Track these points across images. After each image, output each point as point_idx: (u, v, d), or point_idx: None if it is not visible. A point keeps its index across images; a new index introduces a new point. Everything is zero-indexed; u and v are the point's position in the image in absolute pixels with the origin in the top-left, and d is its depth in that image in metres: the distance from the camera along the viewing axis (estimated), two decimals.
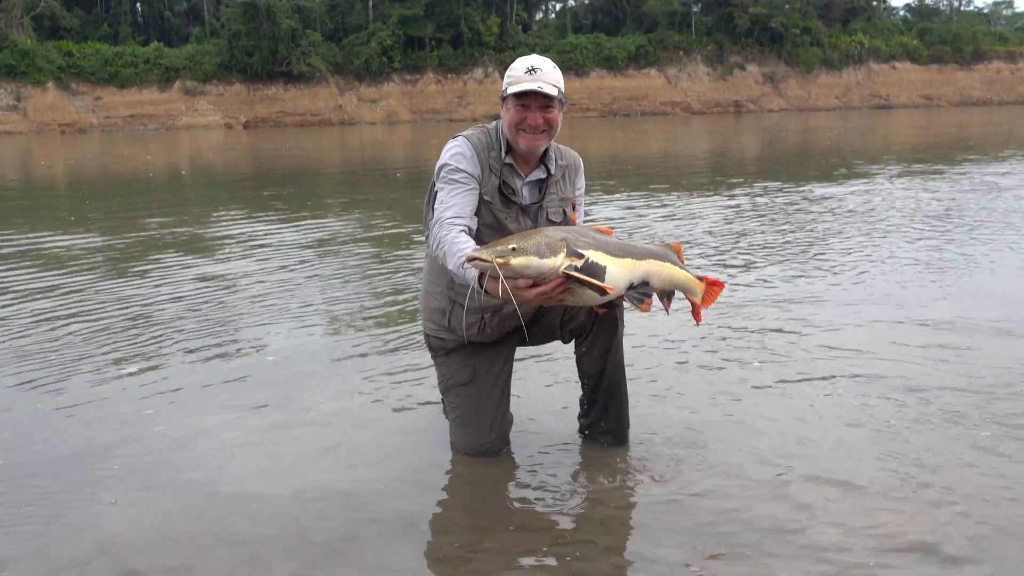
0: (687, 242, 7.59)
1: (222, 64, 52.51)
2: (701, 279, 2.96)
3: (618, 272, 2.64)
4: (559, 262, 2.50)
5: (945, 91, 65.51)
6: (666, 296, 2.89)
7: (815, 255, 6.89)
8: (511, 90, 2.87)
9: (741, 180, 13.28)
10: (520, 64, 2.90)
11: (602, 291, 2.55)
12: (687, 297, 2.96)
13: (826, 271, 6.23)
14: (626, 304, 2.83)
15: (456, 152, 2.94)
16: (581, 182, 3.17)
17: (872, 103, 63.46)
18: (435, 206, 2.91)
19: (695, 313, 2.98)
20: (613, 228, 2.82)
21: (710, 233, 8.13)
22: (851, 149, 21.08)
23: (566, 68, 54.85)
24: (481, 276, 2.57)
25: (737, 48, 62.21)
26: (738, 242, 7.58)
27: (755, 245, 7.43)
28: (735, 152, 21.88)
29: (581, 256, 2.55)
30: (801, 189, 11.77)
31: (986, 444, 3.18)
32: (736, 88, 61.36)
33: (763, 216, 9.23)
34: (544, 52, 51.66)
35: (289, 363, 4.38)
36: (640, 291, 2.72)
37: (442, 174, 2.93)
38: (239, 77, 52.88)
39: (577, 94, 55.44)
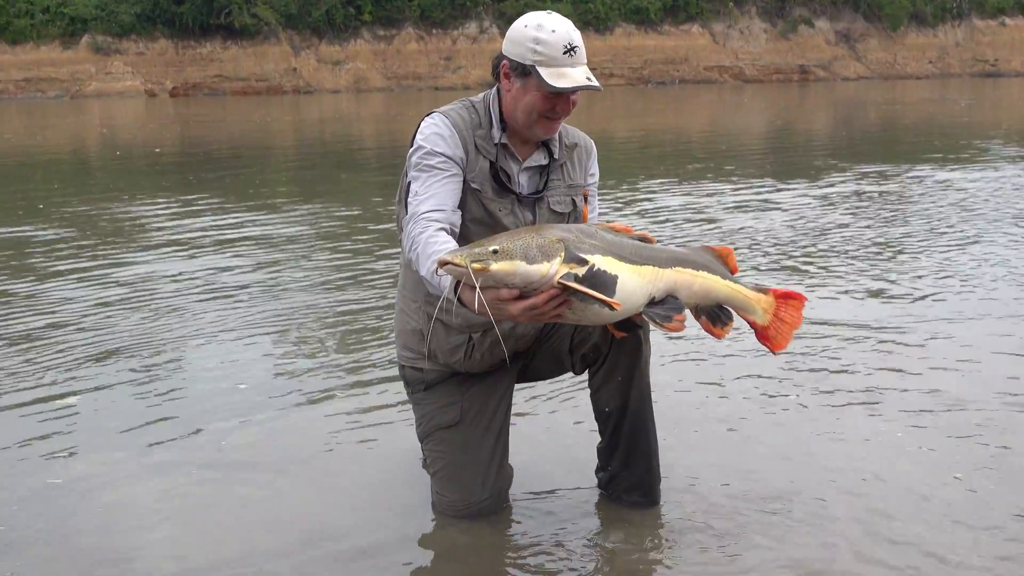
0: (745, 243, 7.60)
1: (143, 15, 52.74)
2: (765, 291, 2.94)
3: (633, 283, 2.63)
4: (553, 269, 2.49)
5: None
6: (707, 316, 2.87)
7: (907, 261, 6.90)
8: (553, 81, 2.83)
9: (813, 167, 13.32)
10: (554, 37, 2.85)
11: (610, 307, 2.54)
12: (744, 318, 2.95)
13: (924, 281, 6.24)
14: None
15: (432, 132, 2.95)
16: (594, 168, 3.21)
17: (975, 69, 63.75)
18: (408, 200, 2.92)
19: (761, 338, 2.96)
20: (646, 229, 2.83)
21: (771, 232, 8.15)
22: (953, 126, 21.15)
23: (584, 23, 55.06)
24: (458, 284, 2.54)
25: None
26: (813, 244, 7.60)
27: (830, 250, 7.44)
28: (800, 131, 21.96)
29: (584, 262, 2.53)
30: (888, 178, 11.81)
31: None
32: (802, 49, 61.63)
33: (842, 212, 9.27)
34: (556, 2, 51.88)
35: (226, 395, 4.39)
36: (666, 308, 2.71)
37: (415, 160, 2.94)
38: (164, 31, 53.12)
39: (598, 56, 55.58)
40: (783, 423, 4.00)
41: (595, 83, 2.88)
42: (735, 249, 5.60)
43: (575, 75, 2.86)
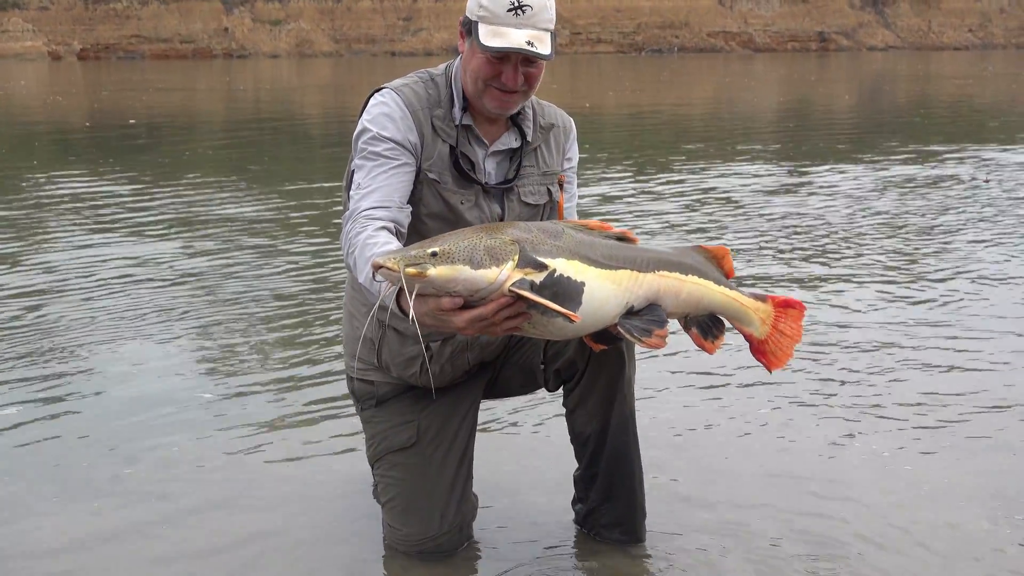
0: (743, 242, 7.68)
1: None
2: (763, 299, 2.93)
3: (605, 291, 2.60)
4: (503, 275, 2.46)
5: None
6: (698, 327, 2.86)
7: (929, 262, 7.00)
8: (485, 40, 2.84)
9: (826, 150, 13.42)
10: None
11: (570, 320, 2.50)
12: (739, 329, 2.95)
13: (946, 286, 6.34)
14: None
15: (380, 112, 2.96)
16: (573, 152, 3.23)
17: (1022, 40, 64.29)
18: (351, 192, 2.93)
19: (758, 353, 2.96)
20: (621, 223, 2.84)
21: (769, 225, 8.22)
22: (993, 107, 21.35)
23: None
24: (401, 292, 2.49)
25: None
26: (815, 241, 7.68)
27: (840, 249, 7.53)
28: (818, 108, 22.10)
29: (543, 267, 2.51)
30: (913, 165, 11.92)
31: None
32: (821, 15, 62.00)
33: (858, 203, 9.36)
34: None
35: (143, 417, 4.40)
36: (645, 320, 2.67)
37: (360, 145, 2.95)
38: None
39: (584, 18, 55.70)
40: (785, 448, 4.05)
41: (535, 49, 2.81)
42: (731, 249, 5.65)
43: (514, 36, 2.81)
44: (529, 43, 2.79)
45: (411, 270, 2.37)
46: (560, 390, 3.21)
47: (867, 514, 3.49)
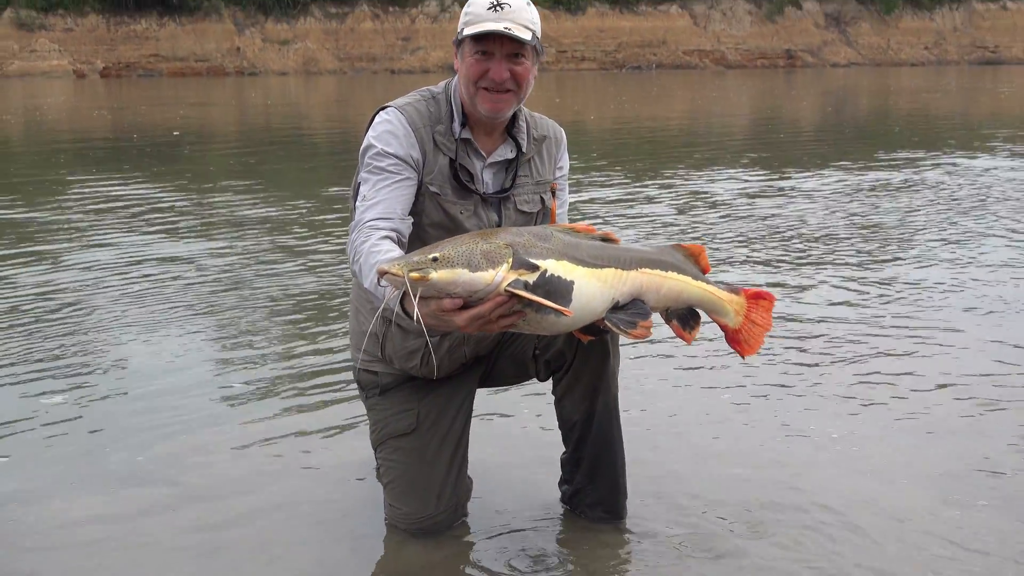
0: (720, 241, 7.71)
1: None
2: (736, 291, 2.97)
3: (592, 288, 2.65)
4: (499, 276, 2.51)
5: None
6: (678, 319, 2.90)
7: (887, 259, 7.03)
8: (468, 31, 2.93)
9: (796, 158, 13.47)
10: None
11: (563, 315, 2.56)
12: (715, 320, 2.98)
13: (906, 281, 6.37)
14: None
15: (385, 130, 2.99)
16: (564, 161, 3.26)
17: (974, 56, 64.48)
18: (356, 204, 2.97)
19: (732, 341, 2.99)
20: (609, 225, 2.86)
21: (741, 226, 8.26)
22: (949, 118, 21.42)
23: (554, 1, 55.20)
24: (406, 295, 2.52)
25: None
26: (788, 241, 7.72)
27: (808, 249, 7.56)
28: (786, 121, 22.15)
29: (534, 268, 2.56)
30: (870, 172, 11.96)
31: None
32: (789, 34, 62.10)
33: (821, 207, 9.40)
34: None
35: (161, 409, 4.42)
36: (630, 313, 2.72)
37: (365, 160, 2.99)
38: (95, 6, 52.72)
39: (569, 37, 55.76)
40: (756, 431, 4.09)
41: (513, 32, 2.87)
42: (706, 245, 5.67)
43: (489, 26, 2.88)
44: (507, 28, 2.86)
45: (414, 274, 2.42)
46: (550, 381, 3.24)
47: (828, 492, 3.52)
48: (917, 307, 5.89)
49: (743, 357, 3.03)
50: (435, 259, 2.44)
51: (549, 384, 3.27)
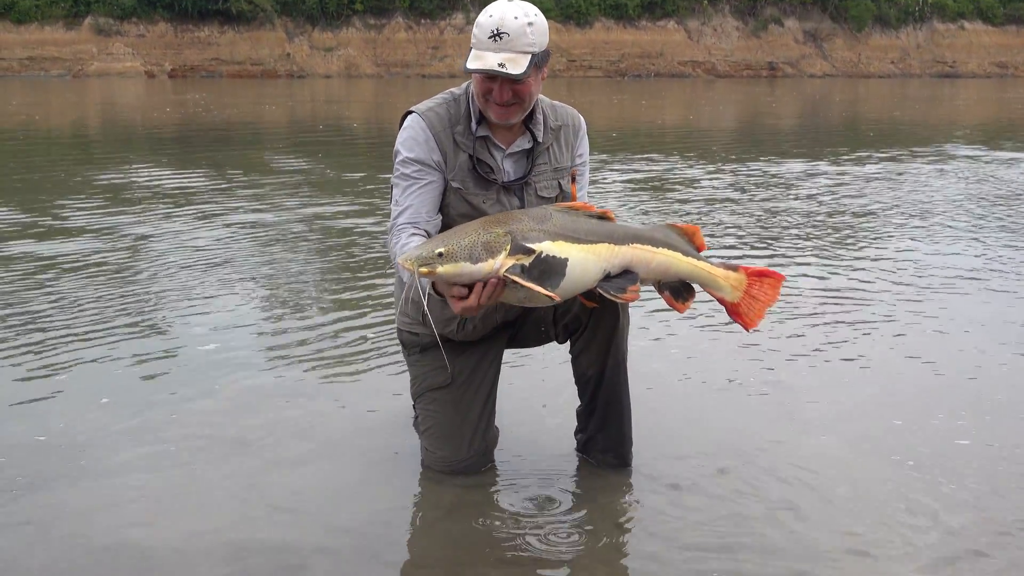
0: (716, 226, 7.70)
1: None
2: (735, 269, 2.94)
3: (586, 262, 2.67)
4: (498, 263, 2.54)
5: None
6: (670, 291, 2.90)
7: (864, 243, 7.02)
8: (470, 65, 2.83)
9: (770, 155, 13.42)
10: (487, 20, 2.80)
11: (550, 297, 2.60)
12: (712, 294, 2.97)
13: (875, 268, 6.36)
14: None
15: (408, 136, 3.00)
16: (584, 147, 3.20)
17: (935, 70, 63.92)
18: (392, 205, 3.02)
19: (733, 314, 2.97)
20: (606, 206, 2.85)
21: (730, 213, 8.24)
22: (910, 124, 21.29)
23: (565, 16, 54.97)
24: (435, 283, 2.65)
25: None
26: (769, 228, 7.71)
27: (783, 236, 7.55)
28: (768, 124, 22.04)
29: (530, 252, 2.58)
30: (838, 169, 11.92)
31: None
32: (771, 47, 61.65)
33: (811, 196, 9.38)
34: None
35: (220, 363, 4.45)
36: (620, 281, 2.73)
37: (395, 165, 3.02)
38: (164, 15, 52.58)
39: (578, 48, 55.50)
40: (758, 389, 4.10)
41: (506, 70, 2.76)
42: (702, 227, 5.67)
43: (489, 59, 2.77)
44: (501, 64, 2.78)
45: (423, 269, 2.51)
46: (567, 343, 3.25)
47: (808, 447, 3.54)
48: (885, 282, 5.89)
49: (746, 330, 3.01)
50: (440, 254, 2.52)
51: (567, 347, 3.27)
